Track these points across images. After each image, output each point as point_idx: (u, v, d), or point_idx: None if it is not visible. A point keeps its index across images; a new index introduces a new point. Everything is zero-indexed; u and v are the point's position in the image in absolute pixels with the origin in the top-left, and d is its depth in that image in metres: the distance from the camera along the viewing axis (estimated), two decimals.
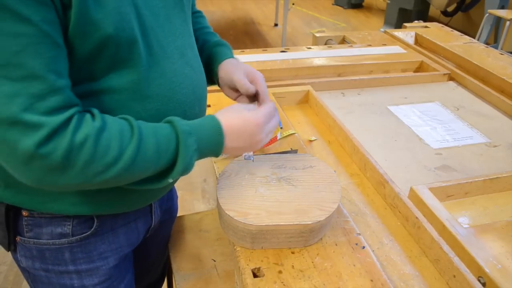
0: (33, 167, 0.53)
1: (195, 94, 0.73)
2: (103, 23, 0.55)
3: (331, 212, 0.72)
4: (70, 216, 0.71)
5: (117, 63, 0.60)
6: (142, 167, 0.60)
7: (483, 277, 0.72)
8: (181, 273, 1.04)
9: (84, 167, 0.55)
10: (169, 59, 0.67)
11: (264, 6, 5.98)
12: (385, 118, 1.27)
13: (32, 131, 0.51)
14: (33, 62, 0.51)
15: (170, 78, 0.67)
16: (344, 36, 1.96)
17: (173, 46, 0.68)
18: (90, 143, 0.55)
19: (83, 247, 0.75)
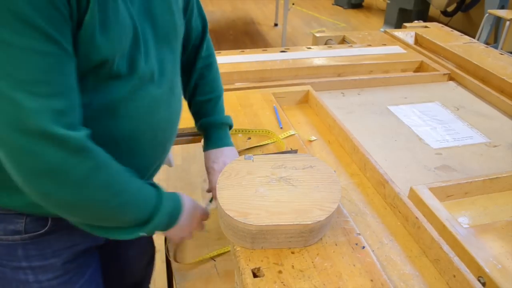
0: (52, 180, 0.56)
1: (171, 120, 0.77)
2: (104, 48, 0.58)
3: (331, 212, 0.72)
4: (24, 214, 0.72)
5: (103, 82, 0.62)
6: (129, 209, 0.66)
7: (483, 277, 0.72)
8: (181, 272, 1.04)
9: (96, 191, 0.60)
10: (154, 84, 0.70)
11: (264, 6, 5.98)
12: (385, 118, 1.27)
13: (59, 145, 0.54)
14: (58, 80, 0.54)
15: (150, 102, 0.69)
16: (344, 36, 1.96)
17: (161, 72, 0.71)
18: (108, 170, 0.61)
19: (36, 244, 0.75)
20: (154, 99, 0.70)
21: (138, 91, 0.66)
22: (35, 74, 0.52)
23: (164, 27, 0.70)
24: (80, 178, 0.57)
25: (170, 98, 0.74)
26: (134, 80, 0.65)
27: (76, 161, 0.56)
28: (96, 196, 0.61)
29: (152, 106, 0.70)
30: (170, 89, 0.74)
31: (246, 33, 4.95)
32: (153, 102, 0.70)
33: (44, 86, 0.53)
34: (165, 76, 0.72)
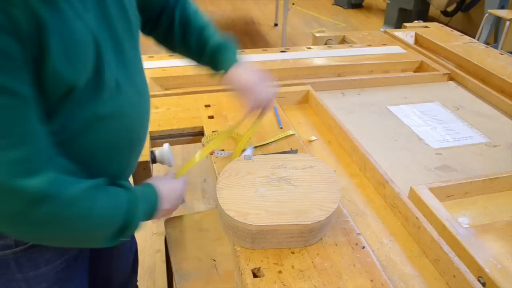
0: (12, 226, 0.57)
1: (142, 121, 0.75)
2: (70, 75, 0.56)
3: (331, 212, 0.72)
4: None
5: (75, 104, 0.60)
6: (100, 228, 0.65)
7: (483, 277, 0.72)
8: (181, 272, 1.04)
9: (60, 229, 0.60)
10: (121, 91, 0.67)
11: (264, 6, 5.98)
12: (385, 118, 1.27)
13: (17, 195, 0.53)
14: (17, 130, 0.52)
15: (121, 109, 0.68)
16: (344, 36, 1.96)
17: (124, 75, 0.68)
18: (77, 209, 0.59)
19: (29, 256, 0.74)
20: (125, 105, 0.68)
21: (107, 104, 0.64)
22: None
23: (122, 27, 0.67)
24: (39, 224, 0.57)
25: (138, 98, 0.73)
26: (104, 93, 0.63)
27: (34, 209, 0.55)
28: (58, 234, 0.61)
29: (125, 112, 0.69)
30: (137, 89, 0.72)
31: (246, 33, 4.95)
32: (125, 108, 0.68)
33: (1, 139, 0.51)
34: (130, 78, 0.70)
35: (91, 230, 0.64)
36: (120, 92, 0.67)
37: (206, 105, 1.20)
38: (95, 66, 0.61)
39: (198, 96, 1.26)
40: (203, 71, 0.93)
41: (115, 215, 0.66)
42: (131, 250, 1.08)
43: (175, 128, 1.11)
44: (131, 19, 0.70)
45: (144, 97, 0.76)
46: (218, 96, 1.25)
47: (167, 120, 1.14)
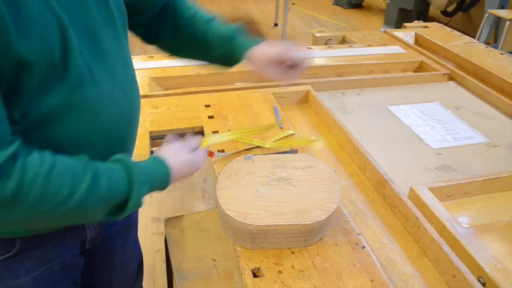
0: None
1: (124, 117, 0.71)
2: (25, 52, 0.53)
3: (331, 212, 0.72)
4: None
5: (36, 89, 0.57)
6: (92, 207, 0.61)
7: (483, 277, 0.72)
8: (181, 273, 1.04)
9: (33, 206, 0.55)
10: (95, 82, 0.63)
11: (264, 6, 5.98)
12: (385, 118, 1.27)
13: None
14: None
15: (95, 102, 0.64)
16: (344, 36, 1.96)
17: (101, 67, 0.64)
18: (40, 182, 0.55)
19: (8, 266, 0.71)
20: (100, 98, 0.64)
21: (77, 93, 0.61)
22: None
23: (101, 18, 0.64)
24: (5, 206, 0.54)
25: (119, 93, 0.68)
26: (70, 81, 0.59)
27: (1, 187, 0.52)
28: (33, 214, 0.56)
29: (100, 106, 0.64)
30: (117, 83, 0.68)
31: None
32: (98, 103, 0.64)
33: None
34: (110, 70, 0.66)
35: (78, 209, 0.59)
36: (94, 83, 0.63)
37: (206, 105, 1.20)
38: (61, 50, 0.57)
39: (198, 96, 1.26)
40: (204, 70, 0.92)
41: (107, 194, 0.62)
42: (134, 258, 1.05)
43: (175, 128, 1.11)
44: (113, 10, 0.67)
45: (128, 94, 0.72)
46: (218, 96, 1.25)
47: (167, 120, 1.14)
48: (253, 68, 0.86)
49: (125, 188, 0.63)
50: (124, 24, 0.72)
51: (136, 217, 1.03)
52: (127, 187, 0.63)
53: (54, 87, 0.58)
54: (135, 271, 1.07)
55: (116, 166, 0.64)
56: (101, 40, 0.64)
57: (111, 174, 0.62)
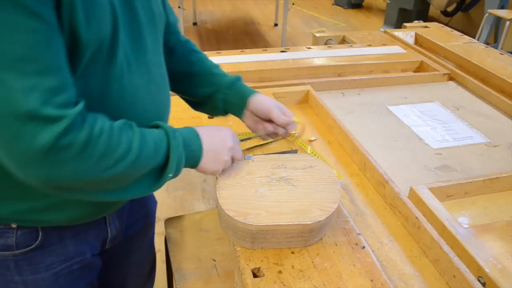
0: (49, 161, 0.53)
1: (157, 111, 0.74)
2: (84, 31, 0.55)
3: (331, 212, 0.72)
4: (13, 228, 0.69)
5: (84, 71, 0.60)
6: (144, 162, 0.63)
7: (483, 277, 0.72)
8: (181, 273, 1.04)
9: (98, 160, 0.57)
10: (134, 74, 0.67)
11: (264, 6, 5.98)
12: (385, 118, 1.27)
13: (50, 125, 0.52)
14: (47, 57, 0.51)
15: (132, 92, 0.67)
16: (344, 36, 1.96)
17: (141, 61, 0.68)
18: (106, 136, 0.58)
19: (29, 259, 0.72)
20: (135, 91, 0.67)
21: (117, 81, 0.64)
22: (22, 52, 0.49)
23: (144, 17, 0.68)
24: (76, 155, 0.55)
25: (153, 88, 0.72)
26: (112, 69, 0.62)
27: (69, 141, 0.53)
28: (98, 167, 0.57)
29: (135, 96, 0.67)
30: (152, 79, 0.71)
31: (246, 33, 4.95)
32: (134, 94, 0.67)
33: (33, 63, 0.50)
34: (146, 66, 0.70)
35: (130, 168, 0.61)
36: (133, 75, 0.67)
37: None
38: (110, 39, 0.60)
39: None
40: None
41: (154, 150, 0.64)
42: (148, 259, 1.07)
43: None
44: (155, 13, 0.72)
45: (162, 91, 0.75)
46: None
47: None
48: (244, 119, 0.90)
49: (165, 143, 0.66)
50: (162, 28, 0.77)
51: (154, 218, 1.05)
52: (167, 141, 0.66)
53: (97, 72, 0.61)
54: (148, 271, 1.09)
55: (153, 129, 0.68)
56: (143, 37, 0.68)
57: (152, 132, 0.66)
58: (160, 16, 0.74)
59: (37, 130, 0.51)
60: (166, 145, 0.66)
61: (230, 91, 0.88)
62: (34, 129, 0.51)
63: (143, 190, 0.67)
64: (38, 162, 0.53)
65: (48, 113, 0.51)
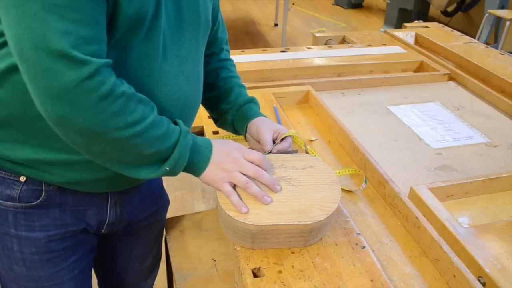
0: (68, 101, 0.57)
1: (181, 103, 0.76)
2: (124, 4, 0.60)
3: (331, 212, 0.72)
4: (21, 181, 0.74)
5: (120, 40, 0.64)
6: (149, 141, 0.66)
7: (483, 277, 0.72)
8: (181, 272, 1.04)
9: (110, 117, 0.60)
10: (166, 61, 0.71)
11: (264, 6, 5.98)
12: (385, 118, 1.27)
13: (78, 67, 0.56)
14: (88, 10, 0.56)
15: (159, 76, 0.70)
16: (344, 36, 1.96)
17: (175, 53, 0.72)
18: (124, 99, 0.61)
19: (27, 215, 0.76)
20: (163, 76, 0.71)
21: (148, 61, 0.68)
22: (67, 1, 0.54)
23: (189, 16, 0.73)
24: (94, 103, 0.58)
25: (181, 80, 0.74)
26: (146, 48, 0.67)
27: (91, 86, 0.57)
28: (109, 123, 0.61)
29: (161, 82, 0.71)
30: (184, 73, 0.75)
31: (246, 33, 4.95)
32: (162, 78, 0.71)
33: (73, 11, 0.55)
34: (181, 60, 0.73)
35: (138, 136, 0.64)
36: (165, 61, 0.70)
37: None
38: (151, 20, 0.65)
39: None
40: None
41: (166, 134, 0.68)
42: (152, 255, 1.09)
43: None
44: (201, 18, 0.76)
45: (192, 86, 0.78)
46: None
47: None
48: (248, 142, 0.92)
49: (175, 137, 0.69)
50: (206, 34, 0.81)
51: (164, 216, 1.08)
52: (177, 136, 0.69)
53: (133, 46, 0.66)
54: (150, 267, 1.11)
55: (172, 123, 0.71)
56: (182, 33, 0.73)
57: (169, 122, 0.70)
58: (206, 24, 0.79)
59: (65, 69, 0.56)
60: (175, 138, 0.69)
61: (237, 113, 0.91)
62: (63, 67, 0.55)
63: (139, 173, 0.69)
64: (58, 99, 0.57)
65: (76, 56, 0.56)
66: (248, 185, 0.72)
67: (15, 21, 0.55)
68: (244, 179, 0.73)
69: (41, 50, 0.55)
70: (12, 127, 0.69)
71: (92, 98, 0.58)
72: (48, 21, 0.54)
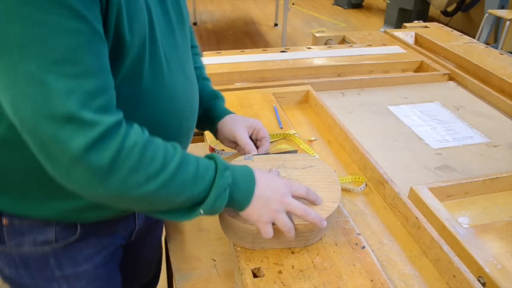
0: (80, 167, 0.52)
1: (191, 107, 0.74)
2: (128, 33, 0.56)
3: (331, 212, 0.72)
4: (52, 223, 0.70)
5: (127, 71, 0.60)
6: (178, 188, 0.60)
7: (483, 277, 0.72)
8: (181, 272, 1.04)
9: (127, 175, 0.55)
10: (172, 72, 0.67)
11: (264, 6, 5.98)
12: (385, 118, 1.27)
13: (86, 129, 0.51)
14: (87, 59, 0.51)
15: (171, 90, 0.67)
16: (344, 36, 1.96)
17: (175, 59, 0.69)
18: (138, 149, 0.55)
19: (68, 252, 0.73)
20: (174, 86, 0.67)
21: (159, 79, 0.64)
22: (63, 54, 0.49)
23: (175, 16, 0.69)
24: (107, 165, 0.53)
25: (187, 85, 0.72)
26: (155, 67, 0.63)
27: (102, 146, 0.52)
28: (128, 181, 0.55)
29: (174, 94, 0.68)
30: (186, 76, 0.72)
31: (246, 33, 4.95)
32: (174, 90, 0.68)
33: (73, 65, 0.50)
34: (181, 63, 0.70)
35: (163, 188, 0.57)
36: (171, 72, 0.67)
37: None
38: (149, 37, 0.61)
39: None
40: None
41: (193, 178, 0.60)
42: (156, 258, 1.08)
43: None
44: (183, 12, 0.72)
45: (193, 87, 0.76)
46: None
47: None
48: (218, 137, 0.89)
49: (210, 177, 0.62)
50: (187, 26, 0.77)
51: None
52: (213, 176, 0.62)
53: (141, 71, 0.61)
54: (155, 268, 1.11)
55: (204, 158, 0.65)
56: (174, 35, 0.69)
57: (198, 159, 0.63)
58: (187, 15, 0.75)
59: (72, 134, 0.50)
60: (210, 178, 0.62)
61: (203, 113, 0.87)
62: (70, 133, 0.50)
63: (177, 217, 0.64)
64: (68, 168, 0.52)
65: (85, 117, 0.50)
66: (290, 232, 0.68)
67: (9, 87, 0.49)
68: (288, 226, 0.67)
69: (43, 118, 0.49)
70: (32, 185, 0.64)
71: (104, 160, 0.52)
72: (47, 82, 0.48)
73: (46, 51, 0.48)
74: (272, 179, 0.70)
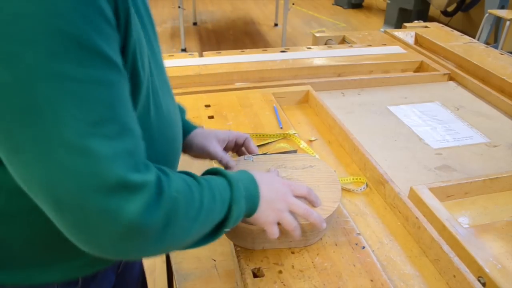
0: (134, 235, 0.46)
1: (180, 128, 0.71)
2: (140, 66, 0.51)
3: (331, 212, 0.72)
4: (54, 284, 0.64)
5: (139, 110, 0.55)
6: (211, 218, 0.58)
7: (483, 277, 0.72)
8: (181, 272, 1.04)
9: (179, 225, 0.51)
10: (164, 96, 0.63)
11: (264, 6, 5.98)
12: (385, 118, 1.27)
13: (137, 193, 0.45)
14: (123, 114, 0.45)
15: (168, 116, 0.63)
16: (344, 36, 1.96)
17: (162, 79, 0.63)
18: (182, 196, 0.51)
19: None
20: (168, 112, 0.63)
21: (159, 108, 0.59)
22: (102, 112, 0.42)
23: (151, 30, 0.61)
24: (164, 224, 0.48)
25: (174, 108, 0.68)
26: (154, 97, 0.57)
27: (156, 208, 0.47)
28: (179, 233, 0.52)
29: (171, 119, 0.64)
30: (170, 95, 0.68)
31: (246, 33, 4.95)
32: (169, 115, 0.63)
33: (113, 124, 0.43)
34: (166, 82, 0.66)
35: (201, 224, 0.55)
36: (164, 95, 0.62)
37: (206, 105, 1.20)
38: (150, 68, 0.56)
39: (198, 96, 1.26)
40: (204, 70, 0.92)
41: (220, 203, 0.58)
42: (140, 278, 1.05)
43: None
44: (154, 24, 0.64)
45: (176, 106, 0.71)
46: (218, 96, 1.25)
47: None
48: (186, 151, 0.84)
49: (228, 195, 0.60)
50: None
51: None
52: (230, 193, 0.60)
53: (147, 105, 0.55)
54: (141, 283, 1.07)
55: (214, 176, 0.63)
56: (156, 53, 0.61)
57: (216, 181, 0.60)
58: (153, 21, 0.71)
59: (124, 201, 0.44)
60: (229, 197, 0.59)
61: None
62: (121, 200, 0.44)
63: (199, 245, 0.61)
64: (123, 236, 0.45)
65: (134, 179, 0.44)
66: (295, 231, 0.68)
67: (40, 160, 0.41)
68: (294, 225, 0.67)
69: (91, 191, 0.42)
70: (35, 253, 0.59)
71: (159, 220, 0.47)
72: (91, 149, 0.41)
73: (85, 112, 0.41)
74: (272, 179, 0.70)
